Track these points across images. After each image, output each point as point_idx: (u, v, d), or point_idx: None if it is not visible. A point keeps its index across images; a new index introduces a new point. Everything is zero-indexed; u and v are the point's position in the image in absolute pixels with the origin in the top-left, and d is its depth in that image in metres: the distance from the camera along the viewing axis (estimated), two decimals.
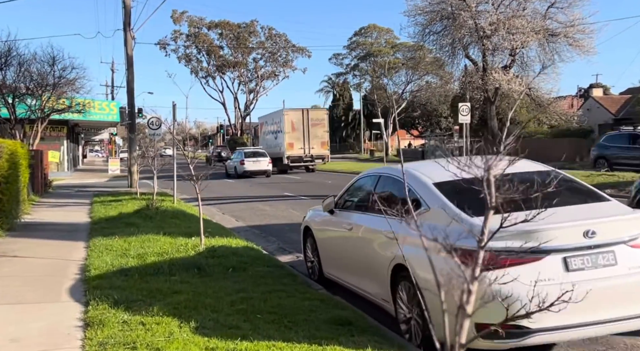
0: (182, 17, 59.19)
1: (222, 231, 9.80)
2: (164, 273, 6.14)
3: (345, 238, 5.36)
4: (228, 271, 6.32)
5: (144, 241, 8.45)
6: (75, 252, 8.06)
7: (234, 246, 7.73)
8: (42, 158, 18.47)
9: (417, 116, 65.66)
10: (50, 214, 13.00)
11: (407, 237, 4.12)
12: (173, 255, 6.89)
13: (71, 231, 10.29)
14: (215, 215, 14.04)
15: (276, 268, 6.62)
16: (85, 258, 7.44)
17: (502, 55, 37.01)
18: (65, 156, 33.85)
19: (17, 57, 19.47)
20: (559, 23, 32.66)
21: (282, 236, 10.21)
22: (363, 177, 5.61)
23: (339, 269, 5.67)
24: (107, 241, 8.51)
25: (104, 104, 33.97)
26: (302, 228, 6.85)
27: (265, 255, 7.38)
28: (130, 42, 22.61)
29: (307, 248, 6.72)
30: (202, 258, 6.73)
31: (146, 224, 10.43)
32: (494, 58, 37.13)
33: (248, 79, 63.30)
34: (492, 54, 36.22)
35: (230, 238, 8.68)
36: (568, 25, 31.72)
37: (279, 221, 12.29)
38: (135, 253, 7.31)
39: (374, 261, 4.65)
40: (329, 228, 5.96)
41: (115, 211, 12.55)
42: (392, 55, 60.36)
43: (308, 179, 25.76)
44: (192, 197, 18.12)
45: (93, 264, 6.70)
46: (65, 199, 16.92)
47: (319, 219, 6.34)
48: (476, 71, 36.62)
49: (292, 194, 18.45)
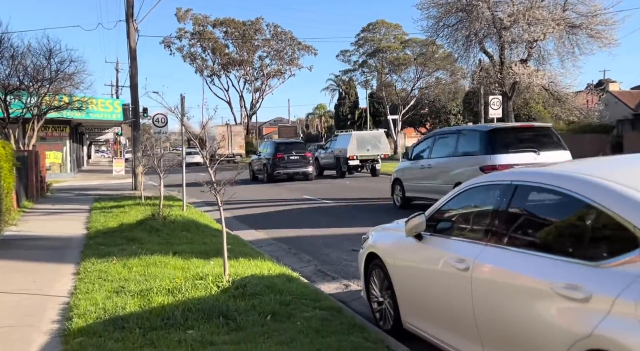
0: (186, 15, 57.59)
1: (244, 248, 7.98)
2: (176, 325, 4.30)
3: (454, 281, 3.49)
4: (266, 319, 4.48)
5: (149, 265, 6.64)
6: (59, 282, 6.24)
7: (267, 275, 5.88)
8: (37, 159, 16.69)
9: (426, 113, 63.79)
10: (40, 224, 11.22)
11: (617, 302, 2.29)
12: (188, 293, 5.05)
13: (61, 248, 8.48)
14: (230, 223, 12.23)
15: (332, 312, 4.77)
16: (71, 293, 5.62)
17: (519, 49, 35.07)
18: (68, 157, 32.16)
19: (10, 49, 17.69)
20: (578, 14, 30.78)
21: (317, 254, 8.36)
22: (478, 186, 3.72)
23: (436, 325, 3.80)
24: (102, 266, 6.70)
25: (107, 102, 32.32)
26: (363, 255, 4.99)
27: (310, 290, 5.52)
28: (134, 34, 20.84)
29: (372, 283, 4.85)
30: (228, 298, 4.88)
31: (151, 239, 8.62)
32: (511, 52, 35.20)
33: (254, 78, 61.62)
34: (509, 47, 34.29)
35: (257, 260, 6.84)
36: (590, 15, 29.78)
37: (308, 231, 10.44)
38: (136, 287, 5.48)
39: (527, 332, 2.78)
40: (416, 261, 4.08)
41: (116, 221, 10.75)
42: (402, 52, 58.52)
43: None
44: (201, 201, 16.33)
45: (78, 308, 4.88)
46: (61, 205, 15.15)
47: (395, 244, 4.48)
48: (492, 65, 34.73)
49: (313, 197, 16.63)
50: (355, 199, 15.69)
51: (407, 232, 4.05)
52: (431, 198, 10.98)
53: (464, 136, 11.61)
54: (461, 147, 11.36)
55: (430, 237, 3.98)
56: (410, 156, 13.36)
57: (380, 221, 5.85)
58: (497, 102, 20.10)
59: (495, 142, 10.61)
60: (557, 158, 10.18)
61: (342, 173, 26.00)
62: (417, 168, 12.65)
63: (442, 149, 12.02)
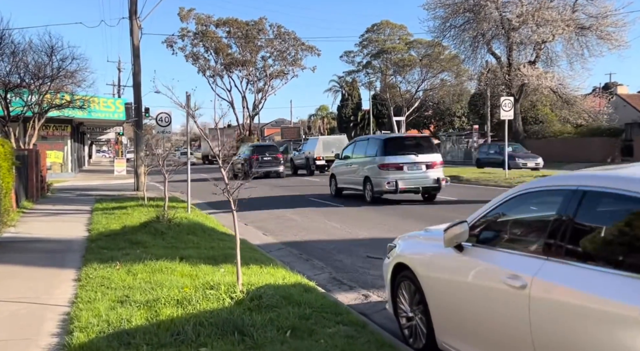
0: (189, 14, 57.16)
1: (254, 254, 7.57)
2: (187, 342, 3.90)
3: (505, 299, 3.08)
4: (286, 335, 4.07)
5: (155, 271, 6.24)
6: (59, 289, 5.84)
7: (282, 284, 5.47)
8: (37, 158, 16.29)
9: (430, 115, 63.39)
10: (40, 226, 10.82)
11: None
12: (199, 305, 4.64)
13: (61, 251, 8.08)
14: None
15: (356, 327, 4.36)
16: (72, 302, 5.22)
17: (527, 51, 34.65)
18: (69, 157, 31.80)
19: (11, 45, 17.29)
20: (588, 15, 30.38)
21: (329, 260, 7.96)
22: (533, 191, 3.31)
23: (479, 347, 3.39)
24: (105, 272, 6.29)
25: (109, 102, 31.95)
26: (390, 265, 4.58)
27: (330, 301, 5.11)
28: (137, 32, 20.47)
29: (400, 296, 4.44)
30: (243, 311, 4.47)
31: (156, 243, 8.21)
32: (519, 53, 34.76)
33: (256, 78, 61.17)
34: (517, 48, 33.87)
35: (270, 267, 6.43)
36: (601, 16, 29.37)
37: (318, 236, 10.04)
38: (142, 296, 5.07)
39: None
40: (455, 274, 3.67)
41: (119, 223, 10.35)
42: (406, 53, 58.08)
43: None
44: (204, 201, 15.96)
45: (80, 320, 4.48)
46: (62, 206, 14.75)
47: (429, 255, 4.07)
48: (500, 66, 34.31)
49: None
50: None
51: (447, 242, 3.64)
52: (353, 188, 15.72)
53: (370, 142, 15.50)
54: (369, 151, 15.09)
55: (473, 248, 3.57)
56: (341, 156, 16.96)
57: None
58: (509, 104, 19.68)
59: (388, 147, 14.43)
60: (431, 159, 14.41)
61: (311, 172, 29.17)
62: (344, 166, 16.43)
63: (359, 152, 15.88)
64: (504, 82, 32.93)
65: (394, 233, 8.24)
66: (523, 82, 31.47)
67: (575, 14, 29.29)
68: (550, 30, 28.78)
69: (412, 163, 14.11)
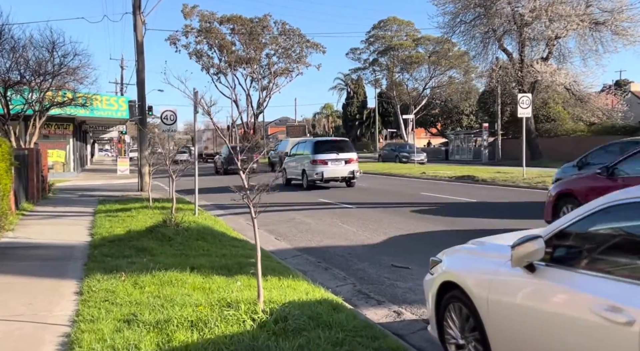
0: (193, 11, 56.52)
1: (270, 263, 7.00)
2: None
3: (601, 335, 2.51)
4: None
5: (164, 283, 5.68)
6: (59, 304, 5.29)
7: (306, 301, 4.90)
8: (38, 158, 15.75)
9: (437, 113, 62.68)
10: (40, 230, 10.27)
11: None
12: (217, 328, 4.07)
13: (61, 259, 7.52)
14: (246, 229, 11.25)
15: None
16: (73, 321, 4.67)
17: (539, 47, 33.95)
18: (71, 156, 31.29)
19: (11, 41, 16.75)
20: (603, 10, 29.67)
21: (350, 269, 7.38)
22: (630, 202, 2.71)
23: None
24: (109, 284, 5.74)
25: (112, 100, 31.42)
26: (435, 283, 4.00)
27: (363, 322, 4.53)
28: (141, 28, 19.94)
29: (448, 319, 3.85)
30: (267, 335, 3.90)
31: (164, 250, 7.66)
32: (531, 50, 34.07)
33: (261, 76, 60.51)
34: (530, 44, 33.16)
35: (289, 279, 5.86)
36: (616, 11, 28.67)
37: (334, 241, 9.47)
38: (151, 316, 4.51)
39: None
40: (527, 300, 3.09)
41: (123, 227, 9.80)
42: (414, 50, 57.37)
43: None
44: (211, 203, 15.40)
45: (81, 345, 3.91)
46: (64, 207, 14.22)
47: (488, 274, 3.47)
48: (512, 63, 33.62)
49: (330, 200, 15.66)
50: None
51: (515, 261, 3.06)
52: (297, 178, 20.45)
53: (307, 143, 20.67)
54: (305, 150, 20.16)
55: (548, 268, 2.99)
56: (290, 154, 22.41)
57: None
58: (527, 101, 19.03)
59: (318, 147, 19.52)
60: (349, 156, 19.32)
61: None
62: (291, 161, 21.42)
63: (300, 150, 20.99)
64: (516, 79, 32.23)
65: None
66: (536, 79, 30.78)
67: (590, 8, 28.56)
68: (564, 26, 28.09)
69: (335, 159, 19.09)
